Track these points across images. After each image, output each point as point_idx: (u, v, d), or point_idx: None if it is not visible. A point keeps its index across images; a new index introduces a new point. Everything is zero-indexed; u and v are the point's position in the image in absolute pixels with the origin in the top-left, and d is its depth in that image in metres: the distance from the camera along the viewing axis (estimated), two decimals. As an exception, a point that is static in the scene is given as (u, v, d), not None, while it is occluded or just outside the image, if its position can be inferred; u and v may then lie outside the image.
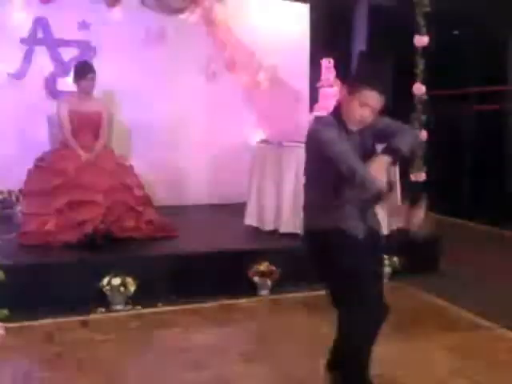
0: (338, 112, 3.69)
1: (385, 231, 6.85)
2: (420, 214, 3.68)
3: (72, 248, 5.89)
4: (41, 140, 7.20)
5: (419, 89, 7.92)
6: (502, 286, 6.43)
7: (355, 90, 3.57)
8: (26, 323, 5.04)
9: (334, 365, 3.93)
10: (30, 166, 6.55)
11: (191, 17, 8.62)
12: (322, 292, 3.99)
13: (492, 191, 9.28)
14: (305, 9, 9.54)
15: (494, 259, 7.55)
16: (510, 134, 9.49)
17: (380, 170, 3.43)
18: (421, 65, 7.91)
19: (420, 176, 7.99)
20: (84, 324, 5.10)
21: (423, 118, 7.94)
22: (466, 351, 4.63)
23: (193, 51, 8.63)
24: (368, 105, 3.56)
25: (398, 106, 9.80)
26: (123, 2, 8.13)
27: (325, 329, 4.77)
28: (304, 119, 7.99)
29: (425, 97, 7.95)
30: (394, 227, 7.10)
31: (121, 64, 8.09)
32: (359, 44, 10.92)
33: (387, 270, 6.35)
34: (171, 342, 4.63)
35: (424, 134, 7.90)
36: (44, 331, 4.89)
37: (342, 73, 7.77)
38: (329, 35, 9.94)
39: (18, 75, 7.94)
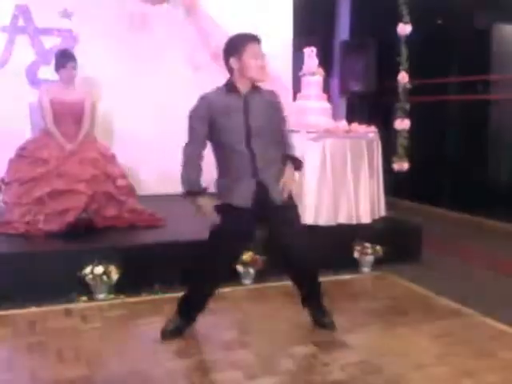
0: (228, 80, 4.33)
1: (368, 220, 6.94)
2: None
3: (54, 237, 5.87)
4: (22, 129, 7.15)
5: (403, 77, 7.93)
6: (484, 274, 6.48)
7: (240, 49, 4.20)
8: (8, 312, 5.02)
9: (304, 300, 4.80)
10: (12, 154, 6.51)
11: (174, 6, 8.62)
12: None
13: (473, 180, 9.31)
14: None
15: (475, 248, 7.60)
16: (492, 123, 9.51)
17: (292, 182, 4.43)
18: (405, 53, 7.93)
19: (403, 165, 8.02)
20: (67, 313, 5.08)
21: (407, 106, 7.96)
22: (448, 339, 4.65)
23: (177, 40, 8.62)
24: (257, 54, 4.21)
25: (380, 93, 9.90)
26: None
27: (307, 318, 4.82)
28: (287, 108, 8.00)
29: (409, 85, 7.96)
30: (378, 216, 7.15)
31: (103, 53, 8.07)
32: (342, 32, 10.94)
33: (370, 258, 6.38)
34: (154, 331, 4.61)
35: (407, 123, 7.92)
36: (26, 320, 4.87)
37: (325, 61, 7.79)
38: (312, 24, 9.95)
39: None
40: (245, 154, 4.24)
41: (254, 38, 4.25)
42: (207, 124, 4.31)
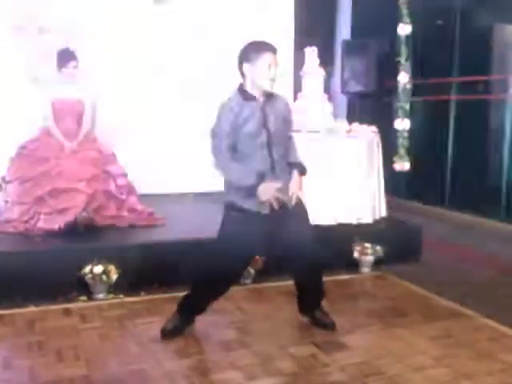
0: (241, 86, 4.35)
1: (368, 220, 6.93)
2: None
3: (54, 236, 5.86)
4: (23, 128, 7.15)
5: (403, 77, 7.92)
6: (484, 275, 6.46)
7: (256, 56, 4.22)
8: (8, 311, 5.01)
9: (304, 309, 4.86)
10: (12, 153, 6.50)
11: (175, 6, 8.61)
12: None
13: (475, 180, 9.30)
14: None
15: (475, 248, 7.58)
16: (492, 123, 9.50)
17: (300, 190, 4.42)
18: (405, 53, 7.92)
19: (404, 166, 8.01)
20: (66, 312, 5.07)
21: (407, 106, 7.95)
22: (447, 340, 4.64)
23: (177, 40, 8.61)
24: (270, 65, 4.22)
25: (381, 93, 9.89)
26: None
27: (307, 318, 4.81)
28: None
29: (409, 85, 7.95)
30: (378, 217, 7.14)
31: (104, 52, 8.08)
32: (343, 32, 10.93)
33: (370, 258, 6.37)
34: (153, 331, 4.60)
35: (407, 123, 7.91)
36: (25, 319, 4.87)
37: (326, 61, 7.78)
38: (313, 23, 9.94)
39: (1, 62, 7.87)
40: (267, 161, 4.28)
41: (271, 48, 4.27)
42: (231, 135, 4.27)
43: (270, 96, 4.34)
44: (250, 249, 4.48)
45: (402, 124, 7.99)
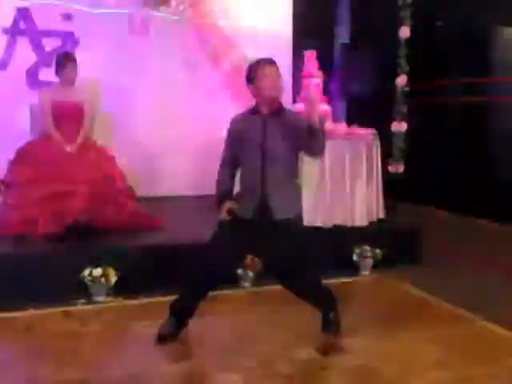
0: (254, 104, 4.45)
1: (363, 222, 6.90)
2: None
3: (53, 239, 5.83)
4: (23, 130, 7.15)
5: (402, 80, 7.93)
6: (485, 278, 6.45)
7: (255, 72, 4.31)
8: (7, 314, 5.00)
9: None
10: (12, 156, 6.49)
11: (174, 8, 8.61)
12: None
13: (473, 182, 9.29)
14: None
15: (476, 250, 7.56)
16: (492, 125, 9.50)
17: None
18: (404, 56, 7.92)
19: (398, 167, 8.01)
20: (65, 315, 5.06)
21: (404, 109, 7.97)
22: (448, 343, 4.63)
23: (177, 43, 8.61)
24: (268, 75, 4.28)
25: (380, 96, 9.88)
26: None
27: (305, 321, 4.80)
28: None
29: (406, 88, 7.96)
30: (375, 219, 7.12)
31: (104, 55, 8.09)
32: (342, 35, 10.94)
33: (369, 261, 6.36)
34: (152, 334, 4.58)
35: (404, 125, 7.92)
36: (25, 322, 4.86)
37: (326, 63, 7.77)
38: (312, 26, 9.95)
39: (0, 66, 7.89)
40: (258, 173, 4.30)
41: (266, 61, 4.35)
42: (232, 148, 4.47)
43: (279, 112, 4.37)
44: (229, 250, 4.41)
45: (399, 126, 8.01)
